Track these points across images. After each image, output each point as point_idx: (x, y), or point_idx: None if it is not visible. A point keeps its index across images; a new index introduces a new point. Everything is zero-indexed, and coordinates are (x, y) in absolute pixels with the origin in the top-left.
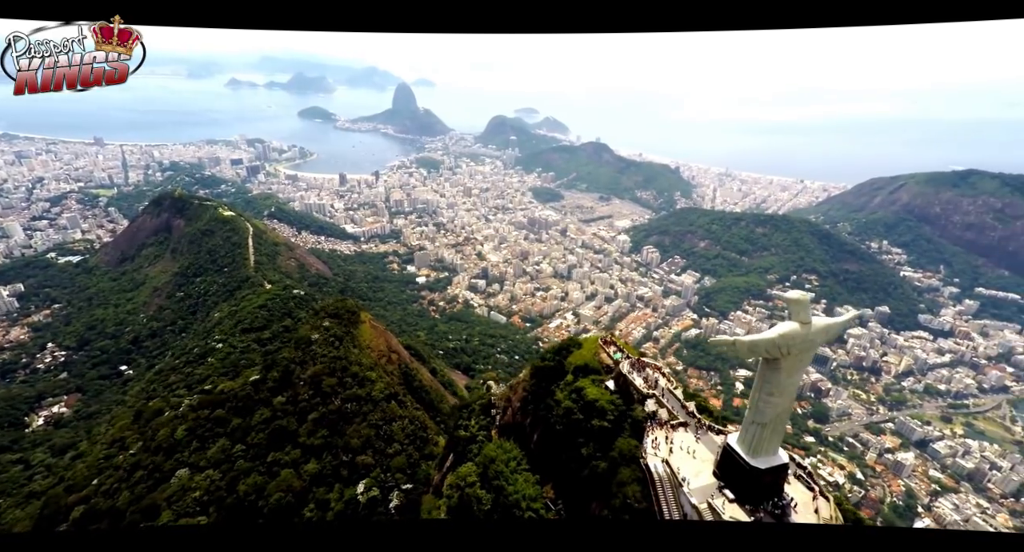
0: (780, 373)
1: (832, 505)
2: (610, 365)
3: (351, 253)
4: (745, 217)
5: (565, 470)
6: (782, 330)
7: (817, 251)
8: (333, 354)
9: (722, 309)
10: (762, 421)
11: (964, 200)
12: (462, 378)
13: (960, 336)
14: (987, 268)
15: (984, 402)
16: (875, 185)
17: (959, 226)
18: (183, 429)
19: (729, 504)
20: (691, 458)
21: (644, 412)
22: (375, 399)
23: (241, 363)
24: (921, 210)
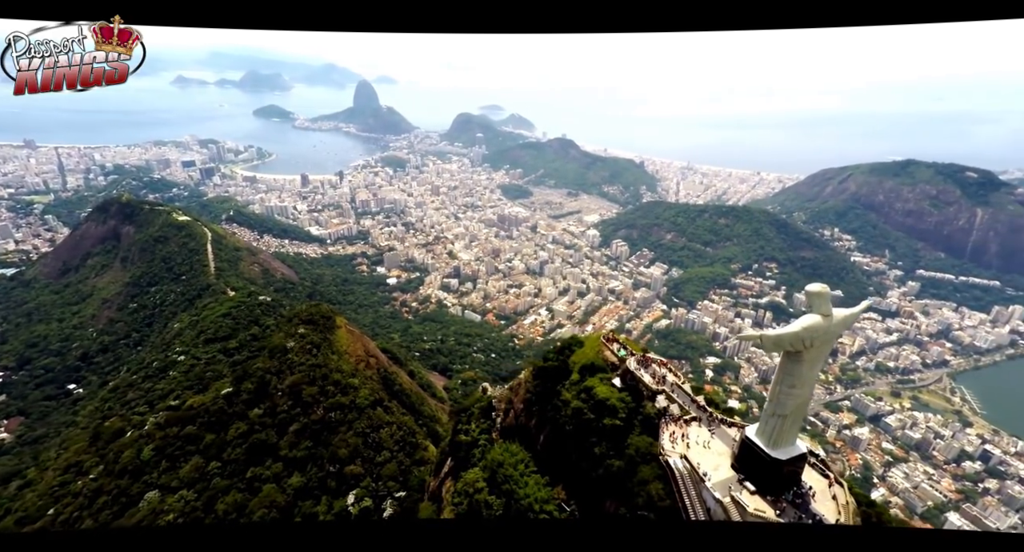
0: (802, 365)
1: (846, 491)
2: (615, 363)
3: (318, 256)
4: (708, 209)
5: (576, 470)
6: (806, 323)
7: (776, 240)
8: (312, 362)
9: (690, 299)
10: (783, 413)
11: (904, 188)
12: (440, 379)
13: (905, 316)
14: (926, 251)
15: (928, 376)
16: (825, 176)
17: (900, 213)
18: (150, 449)
19: (751, 496)
20: (708, 452)
21: (655, 408)
22: (360, 406)
23: (207, 375)
24: (867, 198)
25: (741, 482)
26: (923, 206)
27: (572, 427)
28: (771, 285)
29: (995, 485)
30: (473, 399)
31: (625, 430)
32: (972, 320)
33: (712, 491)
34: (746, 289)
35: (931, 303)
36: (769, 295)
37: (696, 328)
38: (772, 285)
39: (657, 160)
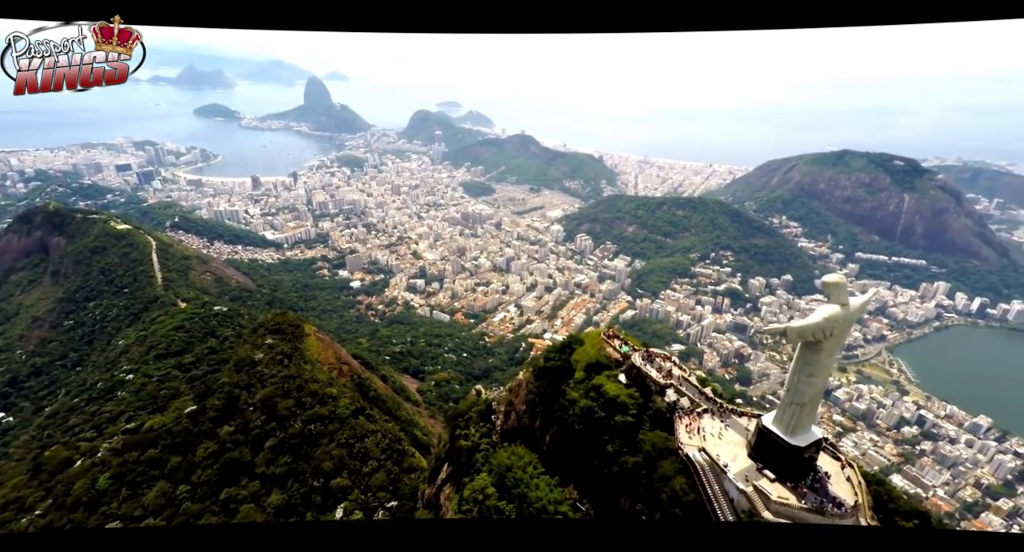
0: (821, 354)
1: (857, 472)
2: (618, 359)
3: (275, 261)
4: (666, 201)
5: (586, 469)
6: (826, 314)
7: (730, 229)
8: (284, 373)
9: (653, 289)
10: (801, 401)
11: (841, 177)
12: (412, 382)
13: None
14: (863, 235)
15: (869, 351)
16: (772, 167)
17: (839, 200)
18: (106, 478)
19: (771, 484)
20: (723, 443)
21: (665, 403)
22: (341, 417)
23: (163, 394)
24: (810, 187)
25: (760, 470)
26: (859, 193)
27: (582, 426)
28: (728, 272)
29: (930, 447)
30: (468, 403)
31: (636, 426)
32: (904, 297)
33: (735, 481)
34: (705, 277)
35: (869, 283)
36: (726, 282)
37: (660, 317)
38: (729, 272)
39: (615, 154)
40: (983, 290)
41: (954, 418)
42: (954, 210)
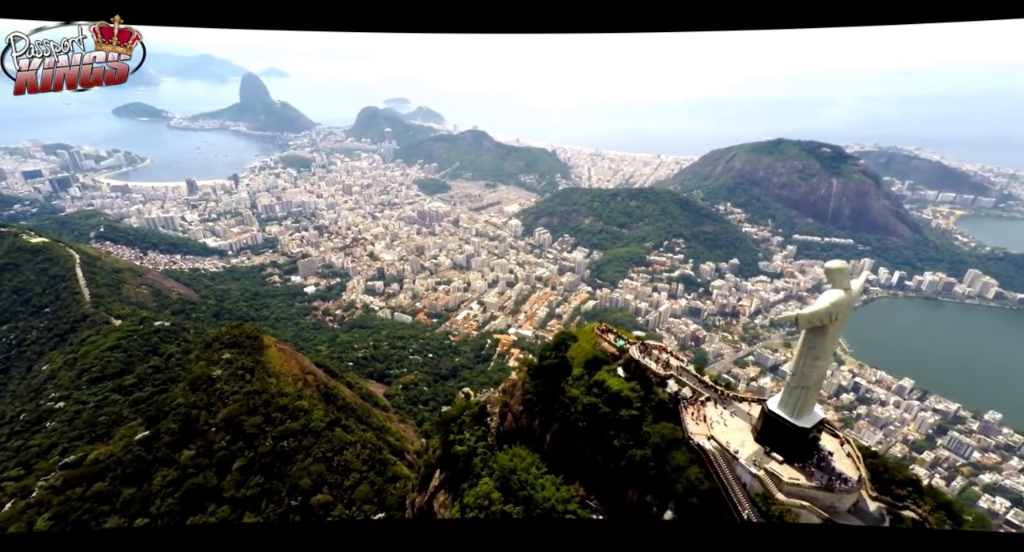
0: (826, 338)
1: (855, 447)
2: (614, 353)
3: (219, 270)
4: (620, 192)
5: (591, 465)
6: (832, 299)
7: (681, 217)
8: (247, 389)
9: (612, 279)
10: (807, 384)
11: (778, 164)
12: (379, 387)
13: (787, 276)
14: (799, 218)
15: None
16: (715, 156)
17: (777, 186)
18: (45, 519)
19: (780, 466)
20: (728, 429)
21: (666, 394)
22: (316, 430)
23: (102, 420)
24: (750, 175)
25: (768, 454)
26: (793, 179)
27: (585, 423)
28: (680, 259)
29: (865, 410)
30: (458, 407)
31: (639, 419)
32: None
33: (746, 466)
34: (660, 265)
35: (805, 263)
36: (679, 268)
37: (620, 306)
38: (681, 259)
39: (568, 148)
40: (901, 264)
41: (883, 382)
42: (874, 192)
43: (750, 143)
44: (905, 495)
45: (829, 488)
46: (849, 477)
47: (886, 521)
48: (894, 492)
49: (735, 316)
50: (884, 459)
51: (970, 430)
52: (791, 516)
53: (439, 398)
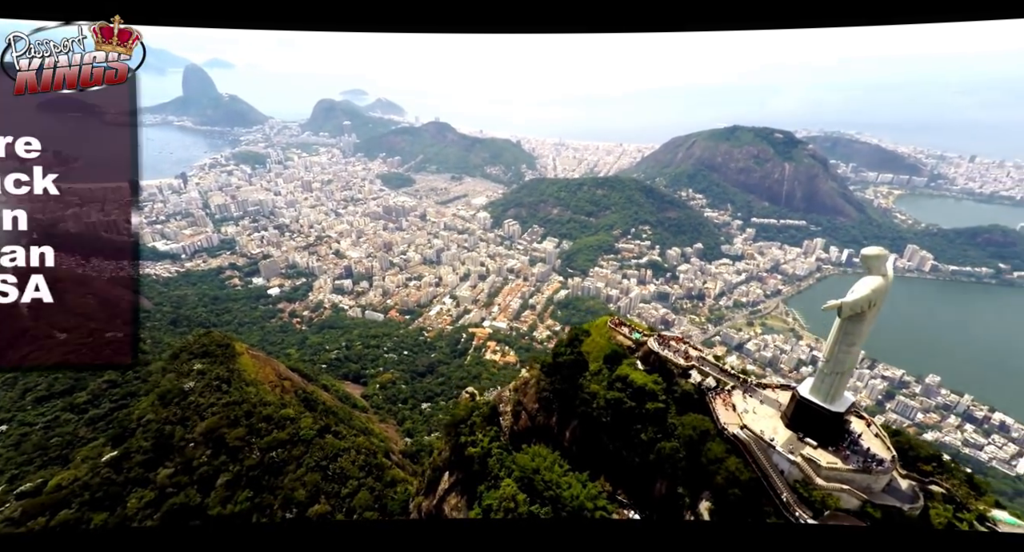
0: (863, 324)
1: (879, 427)
2: (631, 346)
3: (172, 275)
4: (586, 182)
5: (615, 459)
6: (872, 286)
7: (646, 205)
8: (226, 400)
9: (582, 268)
10: (842, 370)
11: (734, 150)
12: (355, 388)
13: (747, 258)
14: (756, 202)
15: (769, 305)
16: (675, 143)
17: (734, 171)
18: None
19: (815, 451)
20: (758, 417)
21: (690, 385)
22: (306, 439)
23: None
24: (709, 161)
25: (801, 440)
26: (749, 164)
27: (609, 418)
28: (647, 245)
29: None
30: (466, 408)
31: (665, 412)
32: (791, 254)
33: (784, 454)
34: (628, 252)
35: (764, 245)
36: (647, 255)
37: (592, 294)
38: (648, 245)
39: (532, 138)
40: (848, 242)
41: None
42: (823, 175)
43: (708, 130)
44: (931, 471)
45: (866, 470)
46: (883, 458)
47: (920, 498)
48: (920, 468)
49: (701, 299)
50: (907, 437)
51: (914, 393)
52: (832, 500)
53: (418, 395)
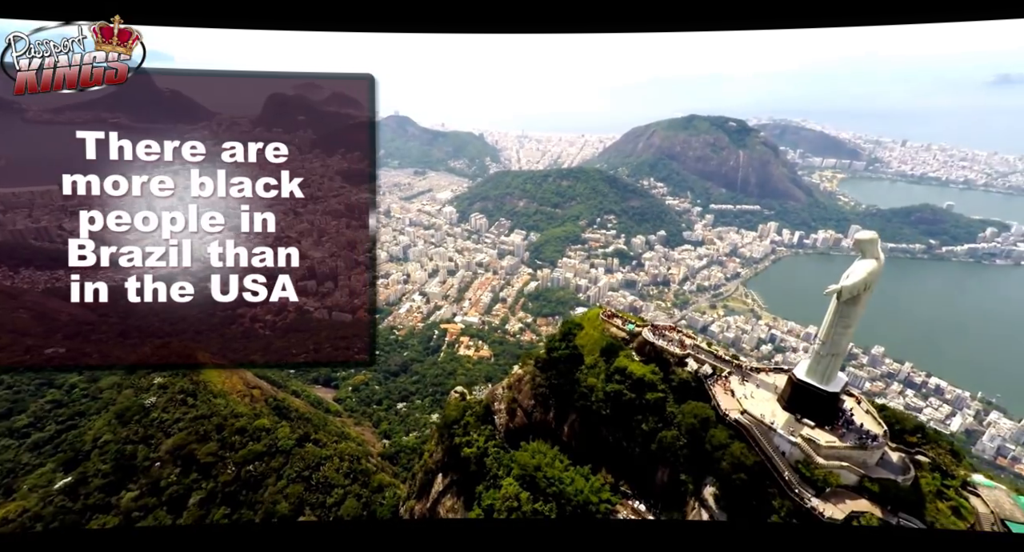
0: (858, 306)
1: (868, 403)
2: (625, 337)
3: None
4: (550, 173)
5: (615, 451)
6: (869, 268)
7: (610, 194)
8: (193, 414)
9: (551, 259)
10: (837, 352)
11: (692, 139)
12: (327, 392)
13: (708, 243)
14: (714, 188)
15: (729, 287)
16: (636, 133)
17: (693, 159)
18: None
19: (813, 431)
20: (756, 401)
21: (687, 373)
22: (285, 449)
23: None
24: (668, 150)
25: (799, 420)
26: (706, 152)
27: (609, 410)
28: (613, 235)
29: (781, 358)
30: (456, 408)
31: (664, 401)
32: (748, 238)
33: (784, 435)
34: (595, 241)
35: (722, 230)
36: (613, 244)
37: (561, 284)
38: (614, 234)
39: (495, 131)
40: (799, 225)
41: (793, 331)
42: (774, 161)
43: (666, 120)
44: (916, 442)
45: (862, 446)
46: (876, 433)
47: (911, 469)
48: (906, 440)
49: (666, 284)
50: (893, 411)
51: (861, 364)
52: (833, 477)
53: (393, 396)
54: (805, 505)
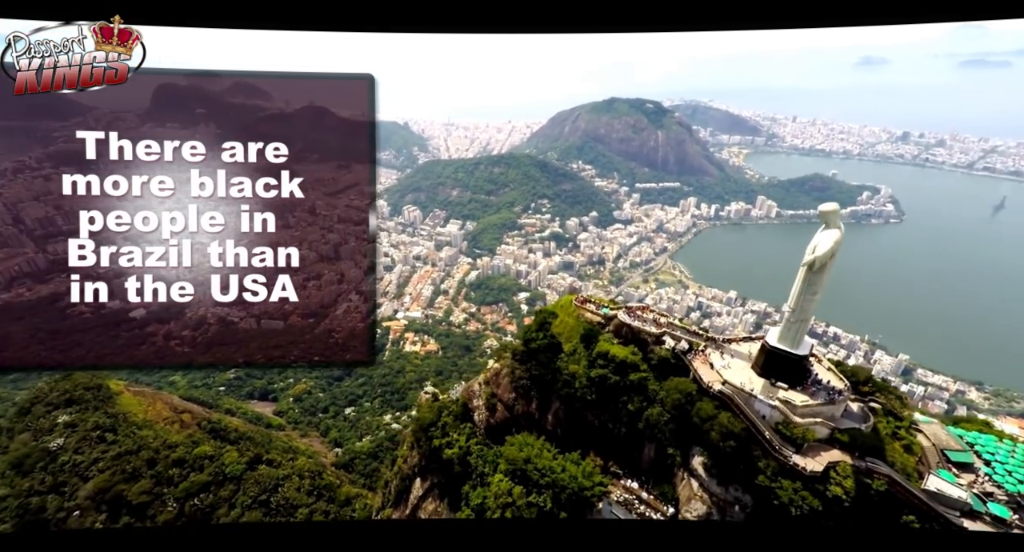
0: (824, 274)
1: (830, 362)
2: (601, 321)
3: None
4: (482, 161)
5: (600, 434)
6: (835, 238)
7: (542, 179)
8: (115, 452)
9: (489, 247)
10: (805, 318)
11: (615, 121)
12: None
13: (636, 221)
14: (638, 168)
15: (658, 262)
16: (561, 117)
17: (616, 141)
18: None
19: (786, 393)
20: (734, 371)
21: (665, 351)
22: (234, 475)
23: None
24: (593, 133)
25: (774, 384)
26: (628, 134)
27: (594, 395)
28: (548, 219)
29: (708, 323)
30: (430, 410)
31: (647, 380)
32: (671, 214)
33: (765, 400)
34: (531, 226)
35: (648, 207)
36: (549, 227)
37: (502, 271)
38: (549, 218)
39: (420, 119)
40: (714, 198)
41: (717, 297)
42: (689, 140)
43: (590, 103)
44: (868, 391)
45: (832, 401)
46: (840, 388)
47: (870, 417)
48: (861, 390)
49: (602, 263)
50: (845, 365)
51: (775, 321)
52: (810, 433)
53: (339, 401)
54: (788, 463)
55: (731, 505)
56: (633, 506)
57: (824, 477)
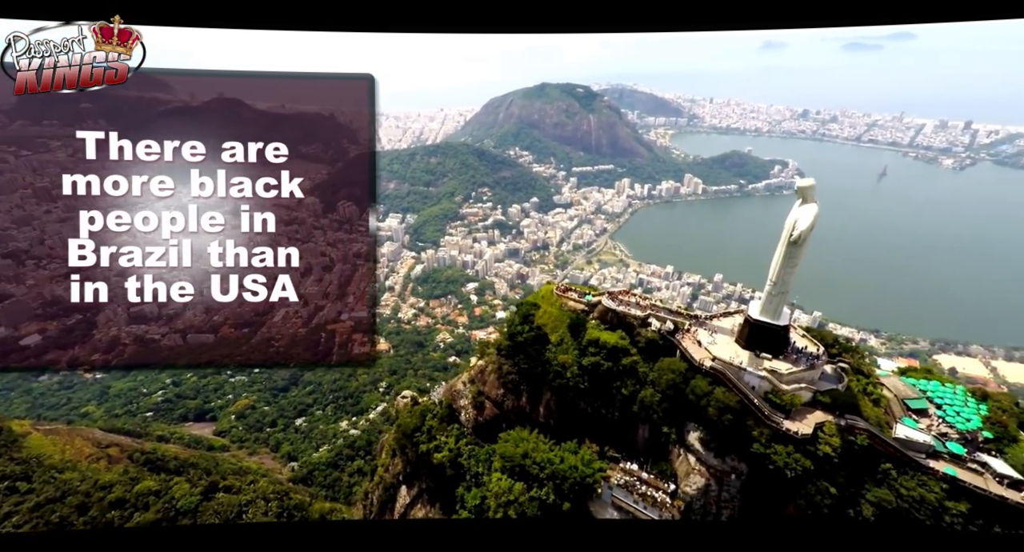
0: (803, 247)
1: (804, 330)
2: (584, 309)
3: None
4: (417, 151)
5: (594, 420)
6: (814, 212)
7: (480, 168)
8: (32, 503)
9: (432, 239)
10: (785, 290)
11: (548, 107)
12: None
13: (576, 205)
14: (573, 153)
15: (600, 243)
16: (495, 104)
17: (551, 126)
18: None
19: (771, 362)
20: (720, 346)
21: (652, 333)
22: (187, 509)
23: None
24: (527, 119)
25: (758, 355)
26: (562, 119)
27: (587, 383)
28: (490, 207)
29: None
30: (413, 415)
31: (637, 363)
32: (608, 195)
33: (754, 372)
34: (473, 216)
35: (586, 190)
36: (491, 216)
37: (448, 263)
38: (490, 207)
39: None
40: (646, 178)
41: (656, 273)
42: (619, 123)
43: (522, 89)
44: (837, 352)
45: (813, 367)
46: (817, 353)
47: (843, 377)
48: (831, 352)
49: (546, 248)
50: (817, 331)
51: (709, 291)
52: (797, 398)
53: (287, 413)
54: (780, 428)
55: (728, 474)
56: (634, 487)
57: (813, 438)
